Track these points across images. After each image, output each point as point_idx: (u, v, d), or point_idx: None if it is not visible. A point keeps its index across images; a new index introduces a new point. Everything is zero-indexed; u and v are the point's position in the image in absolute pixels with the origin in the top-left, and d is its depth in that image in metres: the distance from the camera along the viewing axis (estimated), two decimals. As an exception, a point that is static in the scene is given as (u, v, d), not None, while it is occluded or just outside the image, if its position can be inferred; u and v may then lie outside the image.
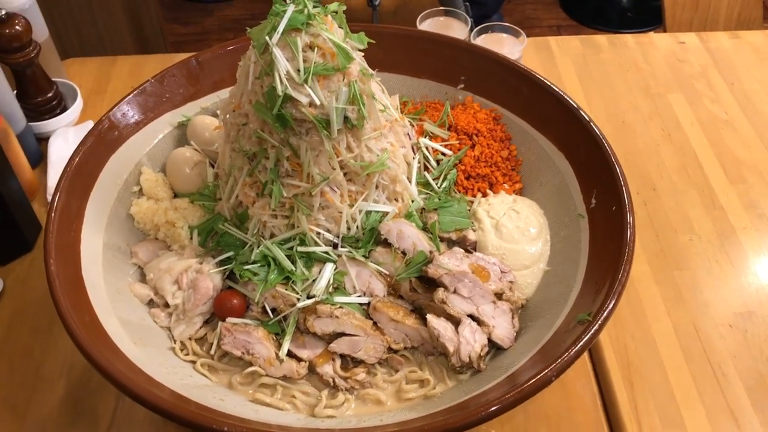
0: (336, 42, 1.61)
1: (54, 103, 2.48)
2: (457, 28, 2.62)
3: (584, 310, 1.54)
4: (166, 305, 1.76)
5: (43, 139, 2.42)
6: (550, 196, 1.93)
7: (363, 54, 1.72)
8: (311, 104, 1.61)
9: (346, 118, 1.66)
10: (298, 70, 1.59)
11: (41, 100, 2.45)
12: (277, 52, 1.58)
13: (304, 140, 1.66)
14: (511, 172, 2.02)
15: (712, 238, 2.17)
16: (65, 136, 2.41)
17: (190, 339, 1.72)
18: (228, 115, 1.79)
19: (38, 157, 2.36)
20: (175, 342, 1.72)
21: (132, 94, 1.95)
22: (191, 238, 1.86)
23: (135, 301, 1.76)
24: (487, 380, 1.57)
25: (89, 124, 2.45)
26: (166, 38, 4.42)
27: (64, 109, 2.48)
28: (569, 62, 2.89)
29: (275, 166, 1.70)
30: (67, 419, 1.69)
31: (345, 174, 1.74)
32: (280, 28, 1.57)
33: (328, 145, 1.66)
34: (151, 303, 1.79)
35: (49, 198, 2.18)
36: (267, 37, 1.58)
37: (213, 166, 1.99)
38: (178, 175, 1.95)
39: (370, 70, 1.72)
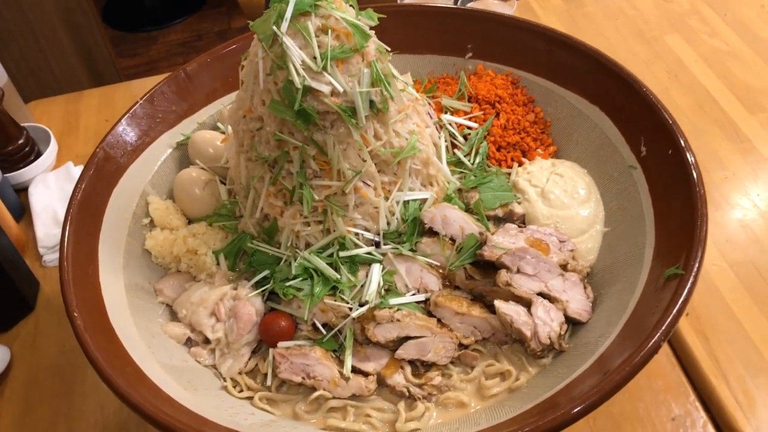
0: (350, 20, 1.46)
1: (27, 149, 2.28)
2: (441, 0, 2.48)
3: (669, 264, 1.41)
4: (207, 341, 1.60)
5: (21, 190, 2.22)
6: (591, 153, 1.80)
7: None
8: (333, 93, 1.46)
9: (371, 103, 1.50)
10: (314, 58, 1.43)
11: (13, 148, 2.25)
12: (289, 42, 1.42)
13: (329, 134, 1.50)
14: (541, 135, 1.89)
15: (746, 172, 2.07)
16: (45, 182, 2.22)
17: (240, 374, 1.56)
18: (238, 123, 1.62)
19: (20, 210, 2.17)
20: (224, 380, 1.55)
21: (123, 119, 1.78)
22: (218, 264, 1.69)
23: (172, 342, 1.59)
24: (574, 360, 1.43)
25: (69, 167, 2.26)
26: (120, 72, 4.25)
27: (39, 155, 2.29)
28: (556, 21, 2.79)
29: (301, 169, 1.54)
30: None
31: (375, 165, 1.59)
32: (288, 15, 1.41)
33: (357, 135, 1.51)
34: (189, 342, 1.62)
35: (41, 251, 2.00)
36: (274, 27, 1.42)
37: (224, 183, 1.82)
38: (189, 199, 1.78)
39: (386, 47, 1.57)
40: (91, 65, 4.01)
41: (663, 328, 1.25)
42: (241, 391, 1.53)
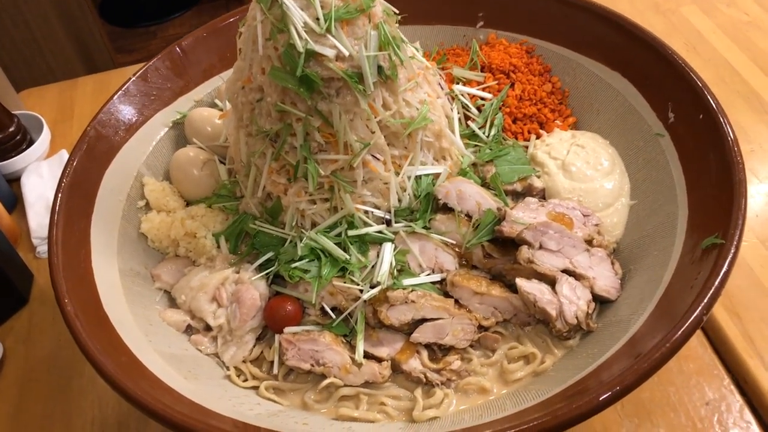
0: (354, -22, 1.35)
1: (18, 138, 2.18)
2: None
3: (706, 234, 1.30)
4: (208, 328, 1.49)
5: (13, 180, 2.12)
6: (613, 122, 1.69)
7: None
8: (338, 57, 1.35)
9: (379, 69, 1.40)
10: (317, 19, 1.33)
11: (3, 136, 2.15)
12: (289, 2, 1.31)
13: (335, 103, 1.39)
14: (559, 106, 1.78)
15: (772, 143, 1.96)
16: (38, 171, 2.12)
17: (244, 362, 1.46)
18: (237, 95, 1.51)
19: (13, 201, 2.06)
20: (228, 369, 1.44)
21: (115, 97, 1.68)
22: (218, 247, 1.58)
23: (170, 330, 1.49)
24: (604, 340, 1.33)
25: (63, 155, 2.16)
26: (116, 63, 4.15)
27: (31, 143, 2.18)
28: (566, -5, 2.67)
29: (305, 142, 1.44)
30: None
31: (384, 137, 1.48)
32: (288, -28, 1.31)
33: (364, 104, 1.40)
34: (189, 329, 1.51)
35: (35, 242, 1.89)
36: (273, -15, 1.32)
37: (224, 163, 1.71)
38: (187, 180, 1.68)
39: (393, 9, 1.46)
40: (87, 58, 3.91)
41: (704, 301, 1.14)
42: (246, 380, 1.43)
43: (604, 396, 1.07)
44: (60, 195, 1.47)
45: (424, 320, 1.42)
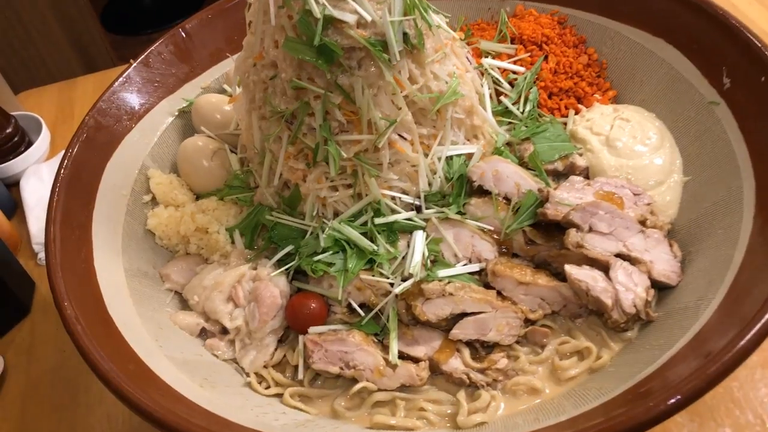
0: (375, -66, 1.21)
1: (16, 139, 2.05)
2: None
3: (781, 206, 1.15)
4: (224, 331, 1.36)
5: (12, 185, 1.99)
6: (659, 93, 1.55)
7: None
8: (360, 23, 1.22)
9: (405, 37, 1.26)
10: (336, -19, 1.19)
11: (0, 138, 2.01)
12: (304, -38, 1.18)
13: (357, 76, 1.26)
14: (597, 79, 1.63)
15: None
16: (38, 174, 1.98)
17: (266, 367, 1.32)
18: (248, 74, 1.37)
19: (11, 206, 1.93)
20: (248, 375, 1.30)
21: (116, 84, 1.55)
22: (233, 242, 1.45)
23: (183, 334, 1.35)
24: (670, 330, 1.18)
25: (64, 156, 2.02)
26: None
27: (30, 145, 2.05)
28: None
29: (325, 122, 1.30)
30: None
31: (411, 114, 1.35)
32: (301, -72, 1.17)
33: (389, 76, 1.27)
34: (203, 333, 1.38)
35: (36, 248, 1.76)
36: (286, -55, 1.18)
37: (235, 152, 1.57)
38: (195, 171, 1.54)
39: (418, -28, 1.32)
40: (88, 61, 3.79)
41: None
42: (268, 387, 1.30)
43: (672, 400, 0.94)
44: (57, 190, 1.34)
45: (464, 315, 1.28)
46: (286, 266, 1.36)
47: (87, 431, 1.39)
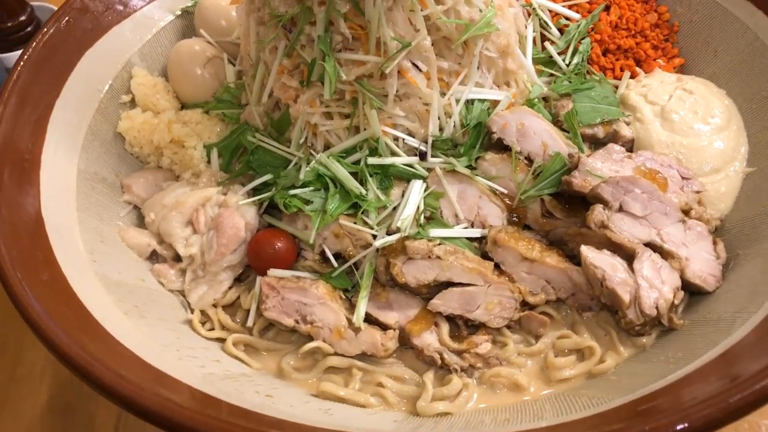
0: None
1: (29, 29, 1.89)
2: None
3: None
4: (177, 258, 1.18)
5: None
6: (735, 67, 1.31)
7: None
8: None
9: (435, -62, 1.05)
10: None
11: (13, 24, 1.86)
12: None
13: (370, -18, 1.05)
14: (664, 43, 1.39)
15: None
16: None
17: (215, 306, 1.14)
18: (249, -33, 1.18)
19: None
20: (191, 311, 1.13)
21: (113, -34, 1.36)
22: (209, 162, 1.26)
23: (129, 254, 1.19)
24: (693, 343, 0.98)
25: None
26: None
27: (44, 37, 1.89)
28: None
29: (326, 32, 1.10)
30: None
31: (433, 43, 1.13)
32: None
33: (408, -13, 1.05)
34: (154, 257, 1.20)
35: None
36: None
37: (234, 65, 1.38)
38: (185, 78, 1.37)
39: None
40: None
41: None
42: (212, 329, 1.12)
43: (679, 427, 0.76)
44: (20, 68, 1.19)
45: (450, 284, 1.08)
46: (260, 196, 1.19)
47: (35, 345, 1.22)
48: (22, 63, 1.20)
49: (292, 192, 1.15)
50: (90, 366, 0.83)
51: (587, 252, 1.07)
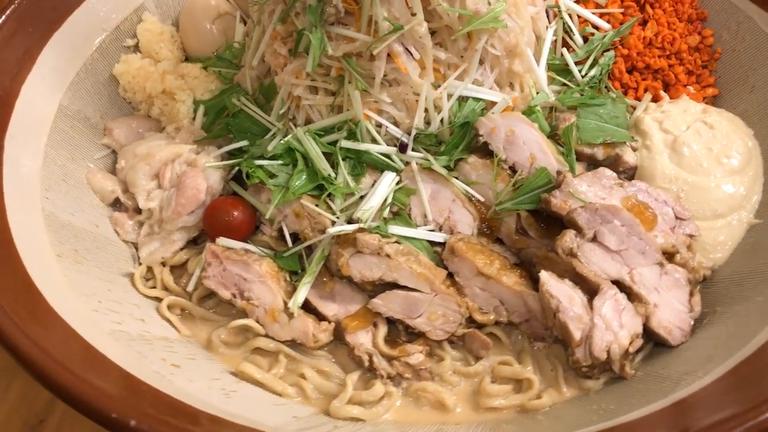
0: None
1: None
2: None
3: None
4: (139, 210, 1.16)
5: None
6: (769, 107, 1.17)
7: None
8: None
9: None
10: None
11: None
12: None
13: (367, -47, 0.99)
14: (701, 70, 1.27)
15: None
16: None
17: (163, 264, 1.12)
18: None
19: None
20: (138, 264, 1.11)
21: None
22: (194, 118, 1.24)
23: (92, 198, 1.17)
24: (636, 397, 0.88)
25: None
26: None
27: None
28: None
29: (319, 2, 1.04)
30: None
31: (433, 34, 1.09)
32: None
33: (410, -32, 0.99)
34: (117, 204, 1.19)
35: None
36: None
37: (245, 23, 1.35)
38: (193, 30, 1.35)
39: None
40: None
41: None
42: (154, 287, 1.09)
43: None
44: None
45: (395, 286, 1.02)
46: (230, 161, 1.15)
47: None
48: (27, -10, 1.20)
49: (259, 162, 1.11)
50: None
51: (546, 278, 0.99)
